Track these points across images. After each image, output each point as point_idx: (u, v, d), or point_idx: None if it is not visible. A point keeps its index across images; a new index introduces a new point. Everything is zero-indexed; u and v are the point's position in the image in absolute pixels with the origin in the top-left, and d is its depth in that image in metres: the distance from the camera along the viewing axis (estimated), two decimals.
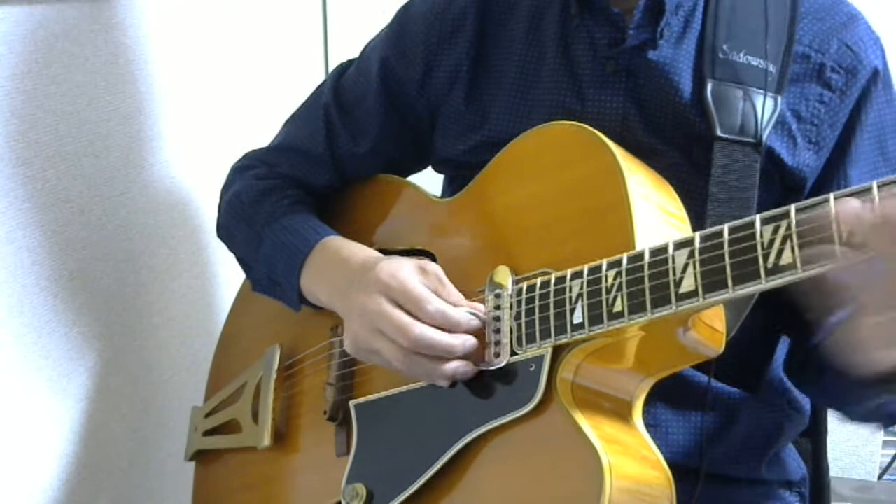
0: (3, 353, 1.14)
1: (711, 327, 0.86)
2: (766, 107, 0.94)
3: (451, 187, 1.15)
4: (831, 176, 0.98)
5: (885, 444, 2.13)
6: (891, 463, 2.08)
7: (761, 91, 0.94)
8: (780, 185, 0.98)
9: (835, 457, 1.62)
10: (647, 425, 0.92)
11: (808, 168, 0.98)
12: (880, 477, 2.12)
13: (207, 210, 1.33)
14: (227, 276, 1.58)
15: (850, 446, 2.12)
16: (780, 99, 0.95)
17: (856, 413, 0.97)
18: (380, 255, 1.00)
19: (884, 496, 1.98)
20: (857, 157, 0.98)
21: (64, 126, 1.21)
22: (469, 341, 0.89)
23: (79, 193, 1.25)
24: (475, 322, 0.90)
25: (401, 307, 0.90)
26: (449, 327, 0.89)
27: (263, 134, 1.25)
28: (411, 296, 0.90)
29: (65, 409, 1.26)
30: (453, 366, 0.89)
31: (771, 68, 0.95)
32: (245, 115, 1.62)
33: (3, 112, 1.11)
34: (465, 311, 0.90)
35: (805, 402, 1.12)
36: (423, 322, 0.89)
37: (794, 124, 0.97)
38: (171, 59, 1.42)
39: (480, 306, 0.92)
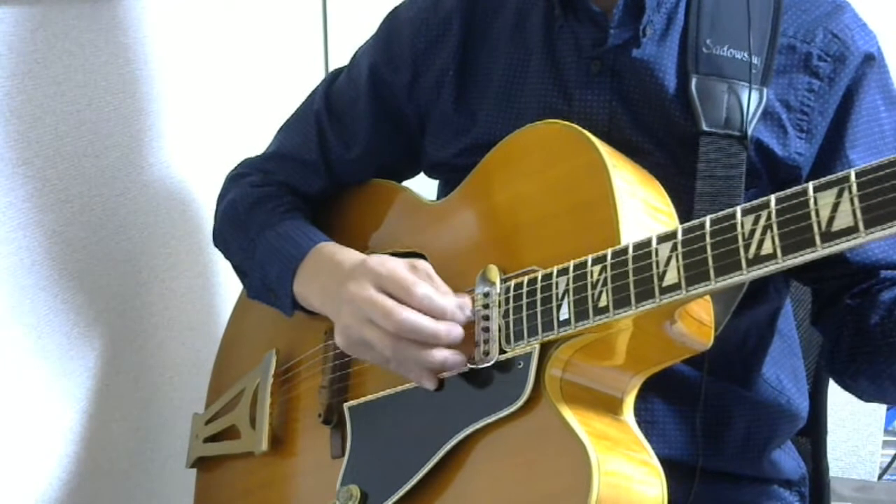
0: (4, 353, 1.14)
1: (699, 321, 0.87)
2: (751, 99, 0.95)
3: (445, 191, 1.16)
4: (832, 162, 0.98)
5: (885, 444, 2.13)
6: (891, 463, 2.08)
7: (746, 84, 0.95)
8: (771, 184, 0.98)
9: (835, 457, 1.63)
10: (645, 422, 0.92)
11: (801, 157, 0.98)
12: (880, 477, 2.12)
13: (207, 210, 1.33)
14: (227, 276, 1.58)
15: (850, 446, 2.12)
16: (765, 91, 0.95)
17: None
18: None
19: (884, 496, 1.98)
20: (856, 142, 0.97)
21: (64, 126, 1.21)
22: (455, 330, 0.88)
23: (79, 193, 1.25)
24: (460, 314, 0.90)
25: (389, 294, 0.90)
26: (435, 314, 0.89)
27: (263, 134, 1.25)
28: (399, 282, 0.90)
29: (65, 409, 1.26)
30: (442, 354, 0.88)
31: (755, 61, 0.95)
32: (245, 115, 1.62)
33: (3, 112, 1.11)
34: (452, 301, 0.90)
35: (803, 399, 1.12)
36: (413, 303, 0.89)
37: (783, 114, 0.97)
38: (171, 59, 1.42)
39: (468, 300, 0.92)
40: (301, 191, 1.18)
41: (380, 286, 0.91)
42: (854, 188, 0.67)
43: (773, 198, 0.72)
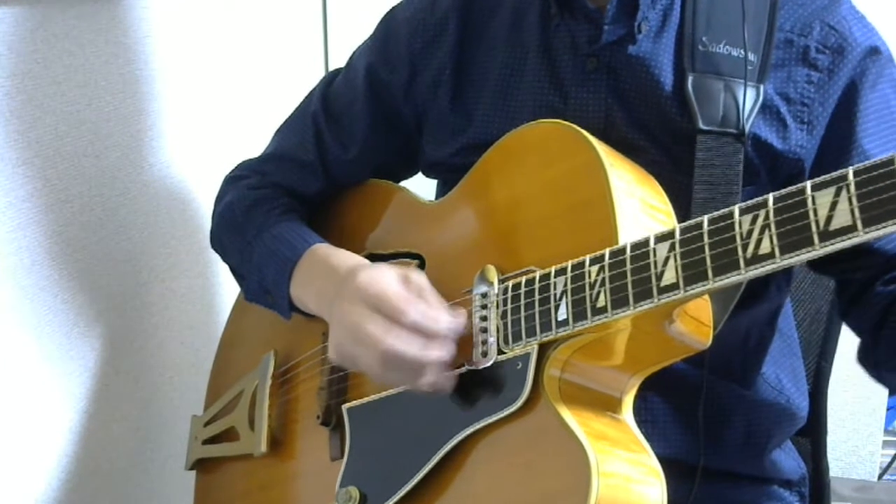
0: (4, 353, 1.14)
1: (697, 320, 0.86)
2: (747, 97, 0.94)
3: (443, 191, 1.15)
4: (845, 154, 0.96)
5: (885, 444, 2.13)
6: (891, 463, 2.08)
7: (742, 81, 0.95)
8: (771, 180, 0.98)
9: (835, 457, 1.63)
10: (644, 421, 0.92)
11: (803, 149, 0.97)
12: (880, 477, 2.12)
13: (208, 210, 1.33)
14: (226, 276, 1.57)
15: (850, 446, 2.12)
16: (762, 87, 0.95)
17: None
18: (368, 262, 1.01)
19: (884, 496, 1.98)
20: (867, 132, 0.96)
21: (64, 126, 1.21)
22: (444, 356, 0.88)
23: (79, 193, 1.25)
24: (451, 335, 0.88)
25: (381, 314, 0.89)
26: (427, 334, 0.88)
27: (263, 134, 1.25)
28: (389, 303, 0.89)
29: (65, 410, 1.26)
30: (429, 380, 0.88)
31: (751, 57, 0.95)
32: (245, 115, 1.62)
33: (3, 112, 1.11)
34: (445, 318, 0.89)
35: (802, 399, 1.12)
36: (403, 328, 0.88)
37: (783, 107, 0.96)
38: (171, 59, 1.42)
39: (463, 314, 0.91)
40: (298, 192, 1.17)
41: (371, 305, 0.90)
42: (852, 187, 0.67)
43: (770, 197, 0.72)
